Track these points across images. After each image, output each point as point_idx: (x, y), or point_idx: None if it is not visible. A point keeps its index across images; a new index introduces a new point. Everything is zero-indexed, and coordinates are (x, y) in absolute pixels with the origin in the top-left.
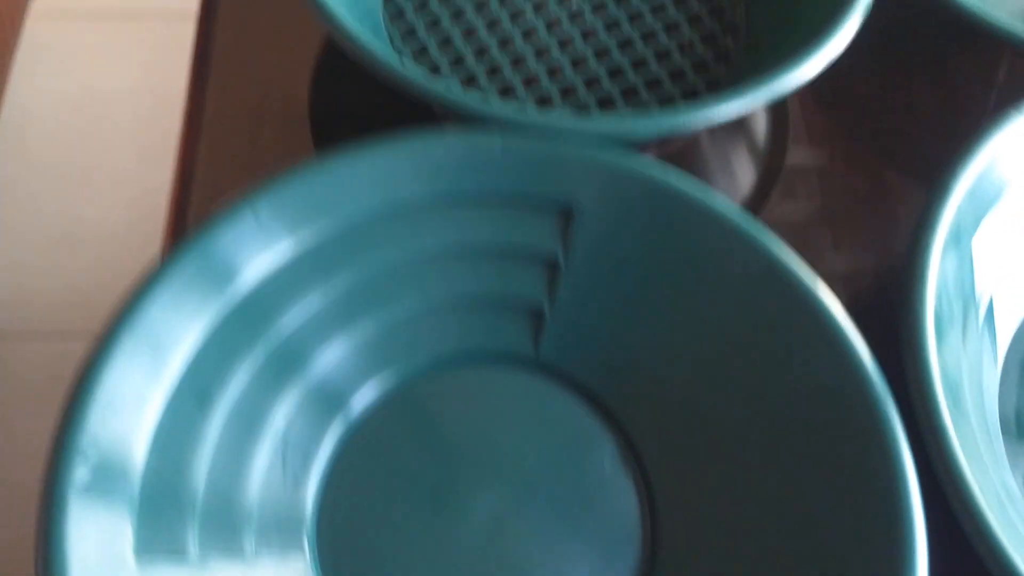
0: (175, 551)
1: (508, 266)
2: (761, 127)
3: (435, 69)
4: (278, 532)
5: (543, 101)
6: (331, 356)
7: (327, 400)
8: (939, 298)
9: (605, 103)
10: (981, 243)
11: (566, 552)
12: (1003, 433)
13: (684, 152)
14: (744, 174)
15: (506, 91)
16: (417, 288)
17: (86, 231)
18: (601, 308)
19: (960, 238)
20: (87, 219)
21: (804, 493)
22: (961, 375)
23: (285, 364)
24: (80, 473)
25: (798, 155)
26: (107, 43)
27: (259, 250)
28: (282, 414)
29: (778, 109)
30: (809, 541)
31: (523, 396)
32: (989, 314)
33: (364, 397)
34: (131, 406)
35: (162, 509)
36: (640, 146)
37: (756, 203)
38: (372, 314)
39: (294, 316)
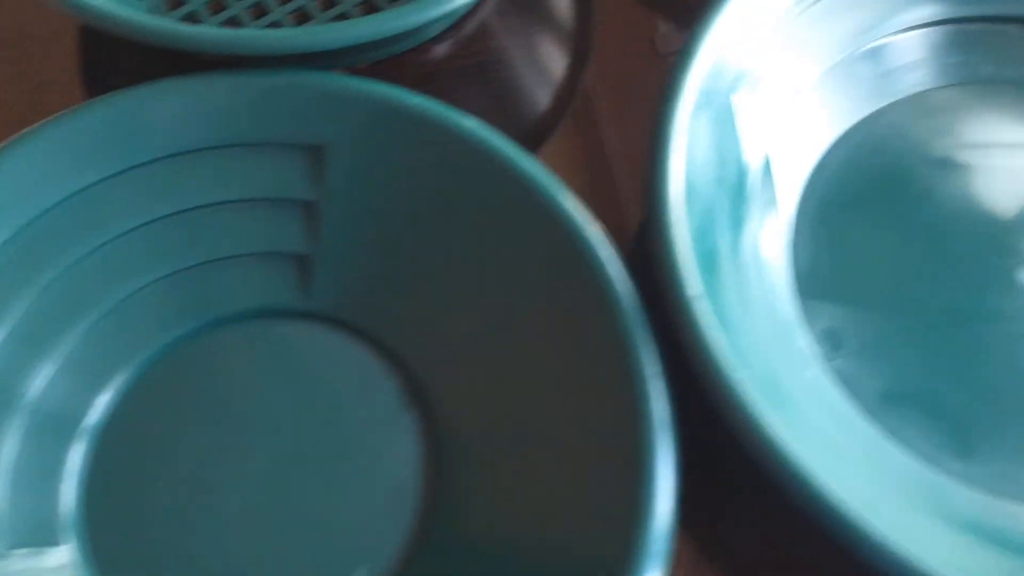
0: None
1: (262, 215)
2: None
3: (192, 17)
4: (36, 527)
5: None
6: (74, 339)
7: (72, 395)
8: (691, 164)
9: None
10: (744, 97)
11: (342, 503)
12: (799, 293)
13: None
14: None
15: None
16: (162, 253)
17: None
18: (368, 246)
19: (712, 98)
20: None
21: (582, 432)
22: (717, 244)
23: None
24: None
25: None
26: None
27: None
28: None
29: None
30: (589, 485)
31: (298, 347)
32: (767, 171)
33: (121, 377)
34: None
35: None
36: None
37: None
38: (112, 289)
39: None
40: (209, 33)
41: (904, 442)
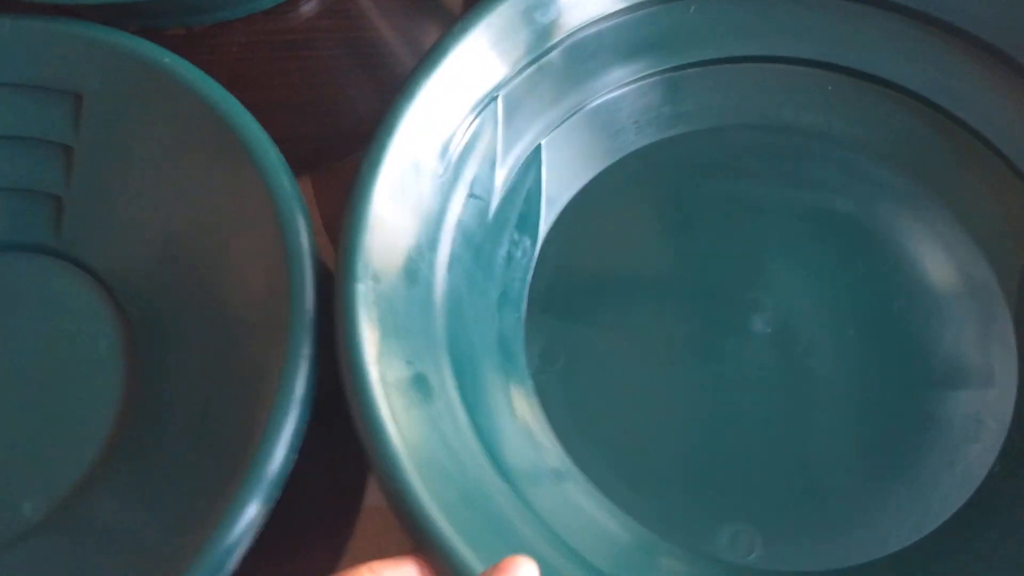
0: None
1: (22, 152)
2: None
3: None
4: None
5: None
6: None
7: None
8: (407, 172)
9: None
10: (507, 101)
11: (32, 437)
12: (530, 307)
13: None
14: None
15: None
16: None
17: None
18: (115, 191)
19: (459, 109)
20: None
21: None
22: (427, 252)
23: None
24: None
25: None
26: None
27: None
28: None
29: None
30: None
31: (35, 284)
32: (521, 190)
33: None
34: None
35: None
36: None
37: None
38: None
39: None
40: None
41: (581, 465)
